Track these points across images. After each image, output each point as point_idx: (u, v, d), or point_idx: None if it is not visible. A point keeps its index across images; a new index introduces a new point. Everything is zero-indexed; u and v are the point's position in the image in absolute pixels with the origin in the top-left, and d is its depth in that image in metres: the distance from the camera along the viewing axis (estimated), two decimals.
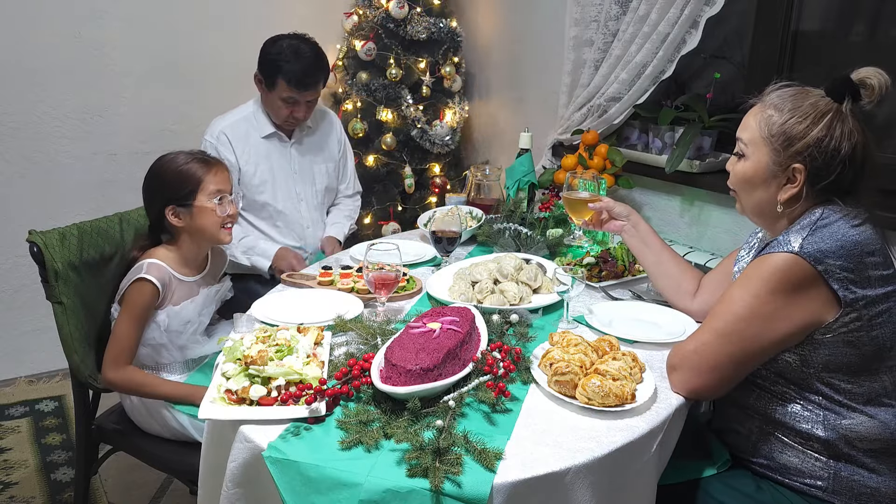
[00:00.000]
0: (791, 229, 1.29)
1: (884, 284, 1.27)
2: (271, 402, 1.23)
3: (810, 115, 1.29)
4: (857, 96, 1.29)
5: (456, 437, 1.12)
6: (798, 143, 1.29)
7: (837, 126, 1.28)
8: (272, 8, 3.13)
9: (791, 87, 1.34)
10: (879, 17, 2.13)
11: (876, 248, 1.28)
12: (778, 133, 1.31)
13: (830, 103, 1.30)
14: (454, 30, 3.24)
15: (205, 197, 1.76)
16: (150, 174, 1.80)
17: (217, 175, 1.79)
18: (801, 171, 1.30)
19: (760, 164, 1.34)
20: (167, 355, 1.78)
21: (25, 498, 2.26)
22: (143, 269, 1.71)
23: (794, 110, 1.30)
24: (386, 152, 3.21)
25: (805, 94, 1.32)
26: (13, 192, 2.86)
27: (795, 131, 1.29)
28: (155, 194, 1.78)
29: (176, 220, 1.76)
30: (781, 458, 1.34)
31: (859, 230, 1.27)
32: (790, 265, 1.24)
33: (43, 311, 2.13)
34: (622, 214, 1.73)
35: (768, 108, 1.33)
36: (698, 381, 1.32)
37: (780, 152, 1.31)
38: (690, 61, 2.48)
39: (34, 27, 2.77)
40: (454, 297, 1.70)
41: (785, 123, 1.30)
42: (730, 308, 1.29)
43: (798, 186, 1.31)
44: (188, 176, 1.75)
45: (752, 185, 1.37)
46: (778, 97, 1.34)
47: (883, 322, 1.27)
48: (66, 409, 2.77)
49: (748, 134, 1.36)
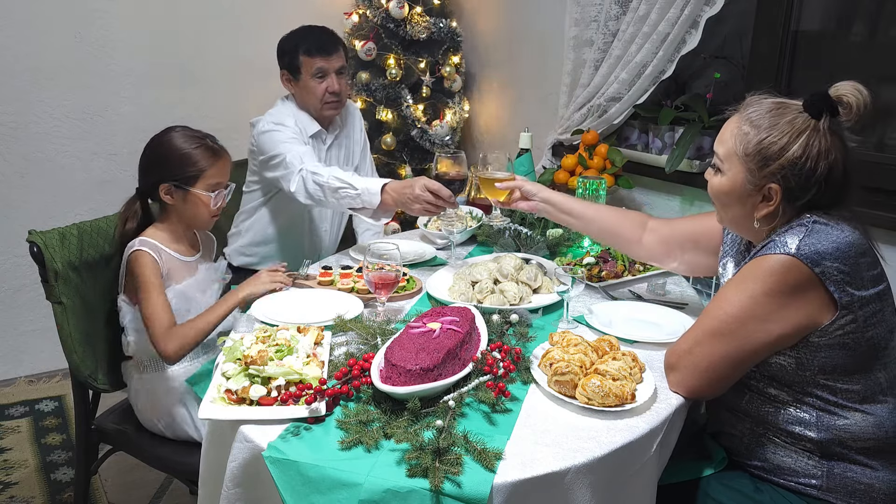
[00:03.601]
0: (786, 230, 1.28)
1: (875, 284, 1.27)
2: (271, 402, 1.23)
3: (786, 133, 1.26)
4: (835, 112, 1.26)
5: (456, 437, 1.12)
6: (773, 163, 1.27)
7: (815, 144, 1.25)
8: (272, 8, 3.13)
9: (769, 100, 1.31)
10: (879, 17, 2.13)
11: (866, 247, 1.27)
12: (753, 152, 1.28)
13: (808, 119, 1.26)
14: (454, 30, 3.24)
15: (203, 187, 1.75)
16: (156, 143, 1.77)
17: (221, 167, 1.79)
18: (777, 192, 1.28)
19: (736, 181, 1.32)
20: None
21: (25, 498, 2.26)
22: (136, 244, 1.72)
23: (771, 128, 1.27)
24: (386, 152, 3.21)
25: (783, 109, 1.29)
26: (13, 192, 2.86)
27: (771, 151, 1.27)
28: (154, 166, 1.76)
29: (168, 197, 1.75)
30: (775, 459, 1.34)
31: (849, 230, 1.26)
32: (787, 267, 1.23)
33: (43, 311, 2.14)
34: (531, 192, 1.74)
35: (744, 123, 1.30)
36: (695, 381, 1.32)
37: (755, 172, 1.29)
38: (690, 61, 2.48)
39: (34, 27, 2.77)
40: (454, 297, 1.70)
41: (761, 143, 1.27)
42: (725, 308, 1.28)
43: (773, 205, 1.30)
44: (193, 161, 1.74)
45: (729, 200, 1.36)
46: (755, 112, 1.30)
47: (877, 322, 1.27)
48: (66, 409, 2.77)
49: (724, 149, 1.34)
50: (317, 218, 2.47)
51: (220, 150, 1.80)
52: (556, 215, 1.75)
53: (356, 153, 2.53)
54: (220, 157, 1.79)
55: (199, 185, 1.75)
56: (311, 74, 2.24)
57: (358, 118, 2.55)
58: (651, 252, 1.68)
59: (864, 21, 2.18)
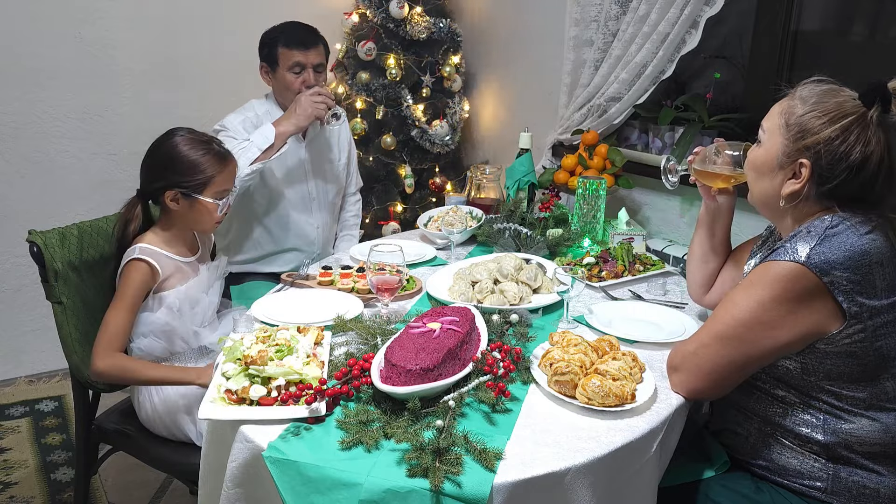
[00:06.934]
0: (800, 235, 1.26)
1: (889, 294, 1.25)
2: (271, 402, 1.23)
3: (832, 112, 1.25)
4: (887, 105, 1.24)
5: (456, 437, 1.12)
6: (809, 137, 1.26)
7: (855, 130, 1.24)
8: (272, 8, 3.13)
9: (825, 84, 1.31)
10: (879, 17, 2.13)
11: (885, 256, 1.25)
12: (794, 123, 1.28)
13: (858, 106, 1.26)
14: (454, 30, 3.24)
15: (210, 194, 1.74)
16: (162, 149, 1.74)
17: (229, 174, 1.78)
18: (807, 168, 1.27)
19: (771, 151, 1.32)
20: (180, 343, 1.77)
21: (25, 498, 2.26)
22: (135, 251, 1.69)
23: (818, 104, 1.27)
24: (386, 152, 3.21)
25: (836, 92, 1.29)
26: (13, 192, 2.86)
27: (811, 125, 1.26)
28: (160, 172, 1.73)
29: (174, 204, 1.73)
30: (780, 460, 1.34)
31: (869, 238, 1.24)
32: (796, 275, 1.21)
33: (43, 311, 2.13)
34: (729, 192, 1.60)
35: (795, 99, 1.31)
36: (698, 383, 1.31)
37: (790, 143, 1.28)
38: (690, 61, 2.48)
39: (34, 27, 2.77)
40: (454, 297, 1.70)
41: (804, 115, 1.27)
42: (732, 312, 1.28)
43: (801, 183, 1.28)
44: (202, 169, 1.72)
45: (761, 172, 1.35)
46: (809, 90, 1.30)
47: (886, 333, 1.26)
48: (66, 409, 2.77)
49: (770, 122, 1.34)
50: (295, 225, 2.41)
51: (227, 155, 1.79)
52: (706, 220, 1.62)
53: (340, 164, 2.48)
54: (227, 162, 1.78)
55: (206, 192, 1.74)
56: (287, 68, 2.22)
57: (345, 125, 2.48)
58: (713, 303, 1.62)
59: (864, 21, 2.18)
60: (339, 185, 2.51)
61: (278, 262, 2.39)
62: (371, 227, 3.21)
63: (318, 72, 2.27)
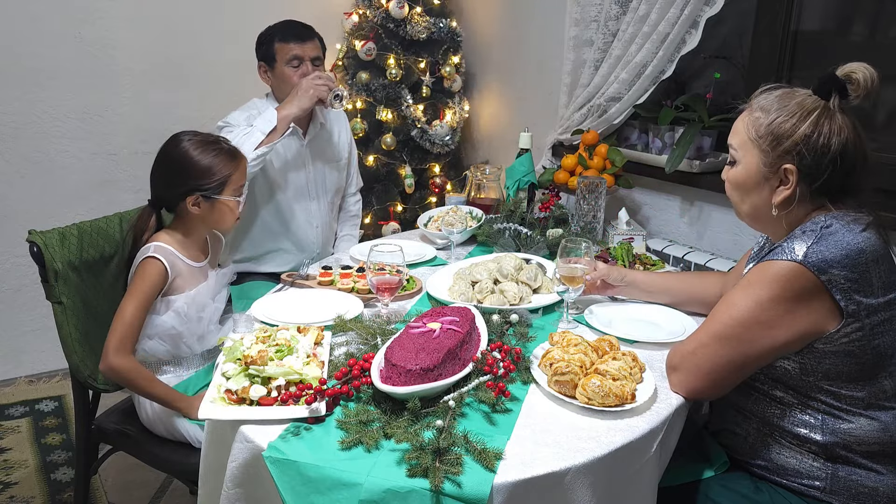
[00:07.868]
0: (795, 235, 1.27)
1: (886, 292, 1.26)
2: (271, 402, 1.23)
3: (797, 113, 1.28)
4: (843, 92, 1.28)
5: (456, 437, 1.12)
6: (786, 141, 1.27)
7: (825, 123, 1.26)
8: (272, 8, 3.12)
9: (778, 89, 1.34)
10: (879, 17, 2.13)
11: (881, 253, 1.26)
12: (765, 133, 1.30)
13: (817, 101, 1.29)
14: (454, 30, 3.24)
15: (230, 192, 1.76)
16: (172, 156, 1.74)
17: (243, 169, 1.79)
18: (793, 172, 1.28)
19: (750, 167, 1.33)
20: (185, 347, 1.77)
21: (25, 498, 2.26)
22: (150, 249, 1.69)
23: (781, 109, 1.29)
24: (386, 152, 3.21)
25: (791, 94, 1.32)
26: (13, 192, 2.86)
27: (782, 130, 1.28)
28: (175, 179, 1.73)
29: (196, 209, 1.74)
30: (779, 460, 1.34)
31: (864, 236, 1.25)
32: (794, 274, 1.22)
33: (43, 311, 2.13)
34: (617, 279, 1.69)
35: (755, 110, 1.32)
36: (696, 383, 1.32)
37: (768, 153, 1.30)
38: (690, 61, 2.48)
39: (34, 27, 2.77)
40: (454, 297, 1.70)
41: (772, 123, 1.29)
42: (730, 312, 1.28)
43: (791, 188, 1.29)
44: (217, 170, 1.73)
45: (746, 189, 1.36)
46: (765, 99, 1.33)
47: (884, 331, 1.26)
48: (66, 409, 2.77)
49: (737, 139, 1.35)
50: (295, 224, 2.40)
51: (236, 152, 1.80)
52: (642, 295, 1.71)
53: (341, 163, 2.48)
54: (238, 158, 1.79)
55: (226, 191, 1.75)
56: (285, 62, 2.22)
57: (345, 125, 2.51)
58: None
59: (864, 21, 2.18)
60: (339, 184, 2.51)
61: (277, 261, 2.39)
62: (371, 227, 3.21)
63: (315, 66, 2.27)
